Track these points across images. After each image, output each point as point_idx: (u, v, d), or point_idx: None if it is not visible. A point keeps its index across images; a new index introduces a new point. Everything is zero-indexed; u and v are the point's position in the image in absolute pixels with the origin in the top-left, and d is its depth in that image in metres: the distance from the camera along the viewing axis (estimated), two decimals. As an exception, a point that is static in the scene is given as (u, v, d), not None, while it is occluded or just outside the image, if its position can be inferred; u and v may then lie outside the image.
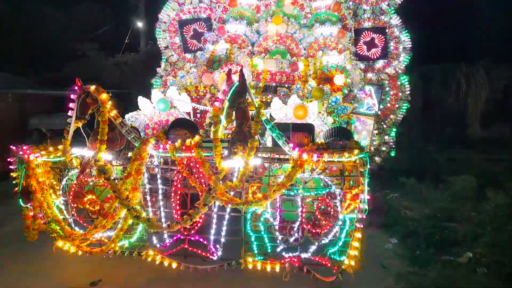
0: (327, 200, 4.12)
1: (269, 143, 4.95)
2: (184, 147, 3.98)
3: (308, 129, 4.18)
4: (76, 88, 3.80)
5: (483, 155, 11.05)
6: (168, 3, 8.95)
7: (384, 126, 9.38)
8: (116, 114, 3.94)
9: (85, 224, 4.48)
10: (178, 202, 4.24)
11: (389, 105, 9.37)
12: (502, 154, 10.95)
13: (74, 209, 4.50)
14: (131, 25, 15.34)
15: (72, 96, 3.90)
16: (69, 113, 3.95)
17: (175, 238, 4.39)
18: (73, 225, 4.53)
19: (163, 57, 9.12)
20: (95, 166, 3.83)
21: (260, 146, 4.83)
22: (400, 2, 8.93)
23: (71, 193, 4.45)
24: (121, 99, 9.98)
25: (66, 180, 4.48)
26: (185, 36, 8.93)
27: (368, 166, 3.87)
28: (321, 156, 3.86)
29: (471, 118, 13.87)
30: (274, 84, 7.48)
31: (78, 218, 4.52)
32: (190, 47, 8.93)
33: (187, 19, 8.92)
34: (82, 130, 3.99)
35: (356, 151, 3.83)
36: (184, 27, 8.89)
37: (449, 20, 16.59)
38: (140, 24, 16.33)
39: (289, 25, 8.09)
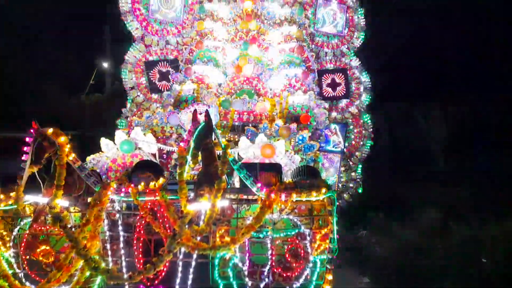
0: (297, 241, 4.03)
1: (237, 183, 4.87)
2: (147, 191, 3.82)
3: (276, 168, 4.17)
4: (31, 131, 3.61)
5: (446, 188, 11.47)
6: (135, 45, 9.00)
7: (351, 163, 9.62)
8: (75, 158, 3.75)
9: (37, 278, 4.09)
10: (141, 249, 4.00)
11: (354, 142, 9.68)
12: (462, 186, 11.41)
13: (25, 262, 4.12)
14: (96, 65, 15.24)
15: (27, 140, 3.69)
16: (24, 157, 3.73)
17: (137, 289, 4.08)
18: (23, 280, 4.12)
19: (128, 98, 9.03)
20: (50, 214, 3.57)
21: (228, 187, 4.74)
22: (358, 46, 9.53)
23: (23, 244, 4.09)
24: (84, 141, 9.67)
25: (18, 230, 4.13)
26: (152, 76, 8.93)
27: (337, 204, 3.87)
28: (289, 196, 3.82)
29: (432, 152, 14.55)
30: (241, 123, 7.54)
31: (29, 272, 4.12)
32: (157, 87, 8.92)
33: (154, 60, 8.97)
34: (37, 176, 3.75)
35: (323, 190, 3.83)
36: (151, 68, 8.92)
37: (406, 60, 17.79)
38: (105, 64, 16.28)
39: (255, 66, 8.32)
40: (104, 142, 5.67)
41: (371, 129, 9.74)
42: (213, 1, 8.81)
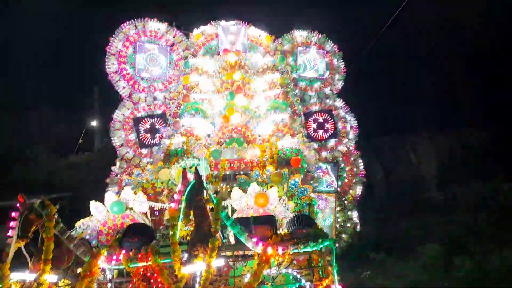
0: (298, 296, 3.88)
1: (232, 238, 4.75)
2: (139, 256, 3.70)
3: (270, 221, 4.10)
4: (18, 205, 3.52)
5: (443, 218, 11.36)
6: (123, 103, 9.12)
7: (346, 202, 9.53)
8: (63, 228, 3.65)
9: None
10: (135, 320, 3.79)
11: (346, 180, 9.67)
12: (460, 215, 11.33)
13: None
14: (86, 125, 15.37)
15: (13, 214, 3.59)
16: (10, 232, 3.60)
17: None
18: None
19: (118, 155, 8.99)
20: (38, 291, 3.40)
21: (224, 241, 4.63)
22: (340, 88, 9.85)
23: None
24: (74, 202, 9.48)
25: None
26: (141, 132, 8.98)
27: (336, 246, 3.79)
28: (286, 248, 3.74)
29: (426, 183, 14.60)
30: (233, 172, 7.52)
31: None
32: (146, 143, 8.94)
33: (142, 116, 9.07)
34: (24, 250, 3.61)
35: (320, 239, 3.76)
36: (139, 124, 9.00)
37: (391, 94, 18.49)
38: (94, 123, 16.40)
39: (242, 115, 8.45)
40: (93, 205, 5.55)
41: (362, 166, 9.79)
42: (198, 56, 9.12)
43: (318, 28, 10.03)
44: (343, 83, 9.94)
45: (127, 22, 9.04)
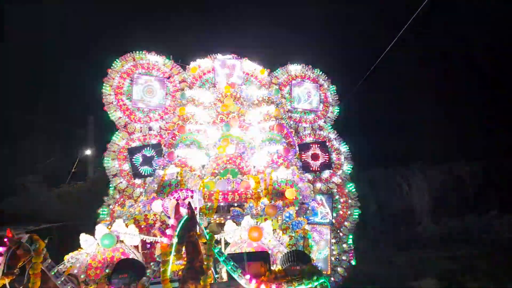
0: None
1: (224, 274, 4.64)
2: (129, 293, 3.59)
3: (263, 257, 4.02)
4: (5, 239, 3.44)
5: (439, 253, 11.25)
6: (118, 133, 9.12)
7: (341, 234, 9.43)
8: (51, 264, 3.55)
9: None
10: None
11: (341, 212, 9.60)
12: (455, 249, 11.23)
13: None
14: (79, 154, 15.31)
15: (0, 249, 3.50)
16: (-5, 268, 3.49)
17: None
18: None
19: (111, 185, 8.89)
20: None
21: (216, 276, 4.53)
22: (334, 119, 9.99)
23: None
24: (64, 233, 9.26)
25: None
26: (135, 162, 8.93)
27: (332, 279, 3.71)
28: (280, 286, 3.66)
29: (420, 216, 14.55)
30: (226, 204, 7.44)
31: None
32: (140, 173, 8.88)
33: (137, 146, 9.05)
34: (8, 287, 3.49)
35: (315, 277, 3.69)
36: (134, 154, 8.96)
37: (385, 127, 18.78)
38: (88, 152, 16.33)
39: (237, 146, 8.47)
40: (83, 238, 5.42)
41: (357, 198, 9.75)
42: (194, 88, 9.26)
43: (312, 61, 10.32)
44: (336, 115, 10.11)
45: (126, 55, 9.22)
